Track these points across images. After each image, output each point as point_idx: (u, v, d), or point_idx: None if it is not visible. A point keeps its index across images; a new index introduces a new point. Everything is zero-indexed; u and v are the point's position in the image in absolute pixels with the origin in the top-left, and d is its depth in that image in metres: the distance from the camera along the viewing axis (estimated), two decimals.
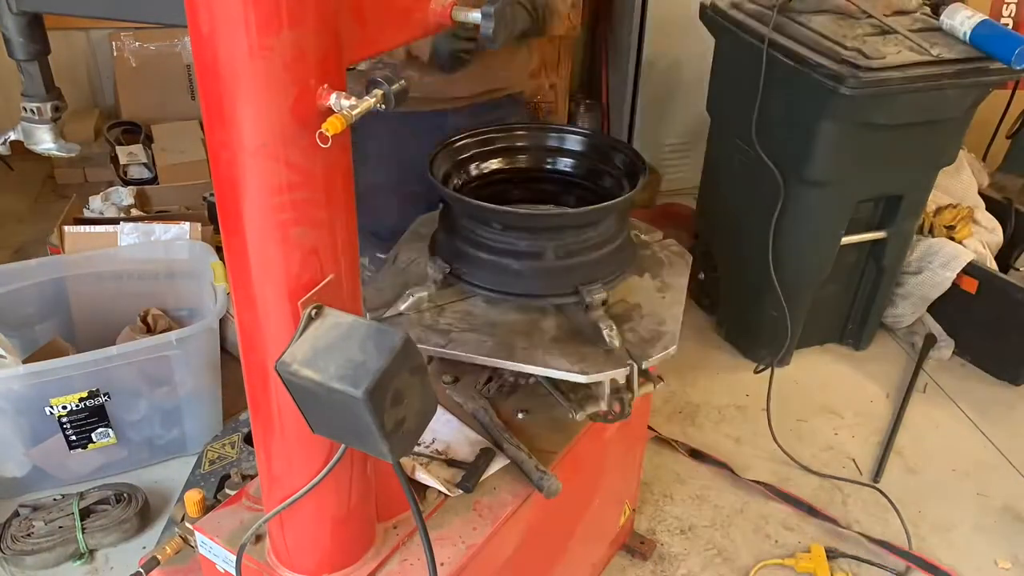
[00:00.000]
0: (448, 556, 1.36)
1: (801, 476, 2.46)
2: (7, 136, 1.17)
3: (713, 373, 2.87)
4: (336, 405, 0.96)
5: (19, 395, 2.13)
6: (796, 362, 2.93)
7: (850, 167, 2.50)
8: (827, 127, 2.39)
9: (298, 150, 0.95)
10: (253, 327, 1.08)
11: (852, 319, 2.98)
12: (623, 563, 2.18)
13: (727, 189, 2.90)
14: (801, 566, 2.16)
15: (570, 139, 1.77)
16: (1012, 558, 2.25)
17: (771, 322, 2.72)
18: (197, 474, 2.24)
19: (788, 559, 2.19)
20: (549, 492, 1.46)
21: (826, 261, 2.71)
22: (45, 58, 1.11)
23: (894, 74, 2.27)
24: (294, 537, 1.27)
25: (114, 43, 3.85)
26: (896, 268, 2.86)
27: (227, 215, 1.01)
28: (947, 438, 2.65)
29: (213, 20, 0.87)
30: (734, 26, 2.61)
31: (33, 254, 2.96)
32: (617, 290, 1.62)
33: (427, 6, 1.07)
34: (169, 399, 2.33)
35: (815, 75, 2.30)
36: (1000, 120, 3.42)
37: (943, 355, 2.94)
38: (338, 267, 1.06)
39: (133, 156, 3.59)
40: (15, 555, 2.06)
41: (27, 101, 1.13)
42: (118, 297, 2.58)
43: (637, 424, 2.00)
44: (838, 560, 2.18)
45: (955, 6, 2.43)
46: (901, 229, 2.74)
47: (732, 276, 2.95)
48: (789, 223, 2.58)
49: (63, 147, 1.17)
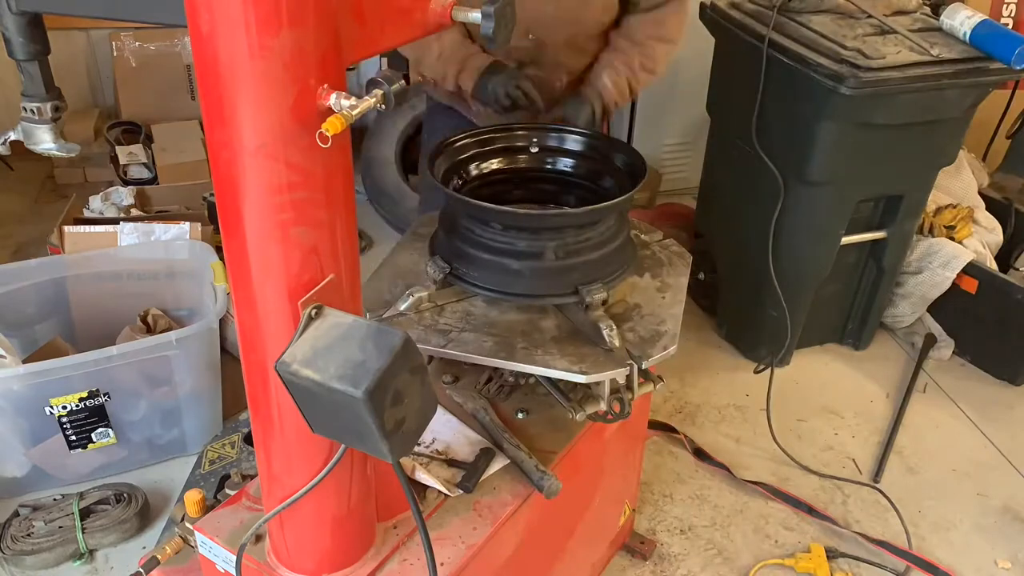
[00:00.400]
0: (448, 556, 1.36)
1: (801, 476, 2.46)
2: (7, 136, 1.17)
3: (713, 373, 2.87)
4: (336, 405, 0.96)
5: (19, 395, 2.13)
6: (796, 362, 2.93)
7: (850, 167, 2.50)
8: (827, 127, 2.39)
9: (298, 150, 0.95)
10: (253, 327, 1.08)
11: (852, 319, 2.98)
12: (623, 563, 2.18)
13: (727, 189, 2.90)
14: (801, 566, 2.16)
15: (570, 139, 1.78)
16: (1012, 558, 2.25)
17: (771, 322, 2.72)
18: (197, 474, 2.24)
19: (788, 559, 2.19)
20: (549, 492, 1.46)
21: (826, 261, 2.71)
22: (45, 58, 1.11)
23: (894, 74, 2.27)
24: (294, 537, 1.27)
25: (114, 43, 3.85)
26: (896, 268, 2.86)
27: (227, 215, 1.01)
28: (947, 438, 2.65)
29: (213, 20, 0.87)
30: (734, 26, 2.61)
31: (33, 254, 2.96)
32: (617, 290, 1.62)
33: (427, 6, 1.07)
34: (169, 399, 2.33)
35: (815, 75, 2.30)
36: (1000, 120, 3.42)
37: (943, 355, 2.94)
38: (338, 267, 1.06)
39: (133, 156, 3.59)
40: (15, 555, 2.06)
41: (27, 101, 1.13)
42: (118, 297, 2.58)
43: (637, 424, 2.00)
44: (838, 560, 2.18)
45: (955, 6, 2.43)
46: (901, 229, 2.74)
47: (732, 276, 2.95)
48: (789, 223, 2.58)
49: (63, 147, 1.17)
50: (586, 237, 1.55)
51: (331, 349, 0.97)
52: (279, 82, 0.90)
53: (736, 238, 2.86)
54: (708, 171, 3.06)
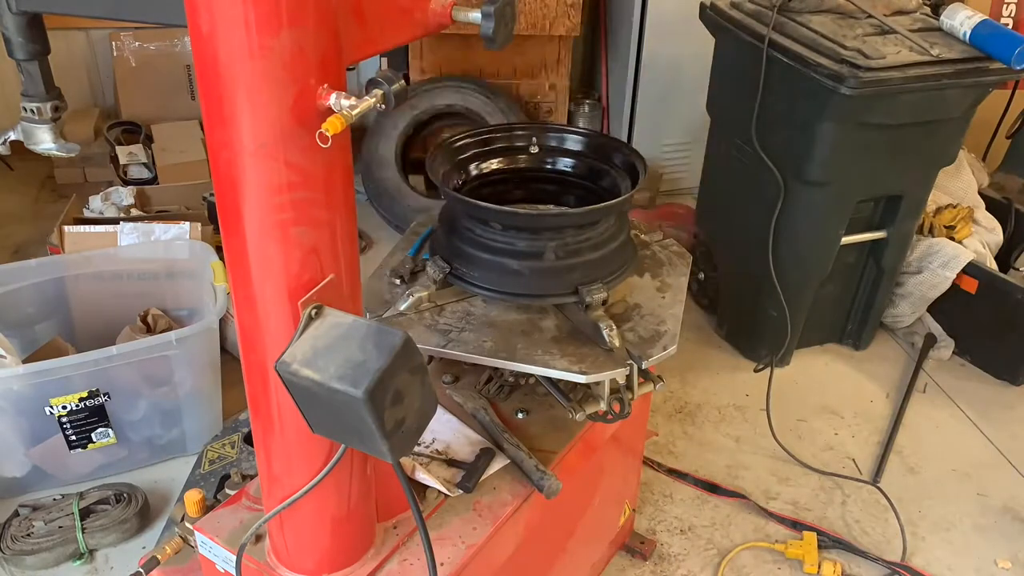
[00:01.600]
0: (448, 556, 1.36)
1: (801, 476, 2.46)
2: (7, 136, 1.17)
3: (713, 373, 2.87)
4: (336, 405, 0.96)
5: (19, 395, 2.13)
6: (796, 362, 2.93)
7: (850, 167, 2.50)
8: (827, 127, 2.39)
9: (298, 150, 0.95)
10: (253, 327, 1.08)
11: (852, 319, 2.98)
12: (623, 563, 2.18)
13: (727, 189, 2.90)
14: (791, 552, 2.17)
15: (570, 139, 1.77)
16: (1012, 558, 2.25)
17: (771, 322, 2.72)
18: (197, 474, 2.24)
19: (779, 544, 2.20)
20: (549, 492, 1.46)
21: (826, 260, 2.71)
22: (45, 58, 1.12)
23: (894, 74, 2.27)
24: (294, 537, 1.27)
25: (114, 43, 3.85)
26: (896, 268, 2.86)
27: (227, 215, 1.01)
28: (947, 438, 2.65)
29: (213, 20, 0.87)
30: (734, 26, 2.61)
31: (33, 254, 2.96)
32: (617, 290, 1.62)
33: (427, 6, 1.07)
34: (169, 399, 2.33)
35: (815, 75, 2.30)
36: (1000, 120, 3.42)
37: (943, 355, 2.94)
38: (338, 267, 1.06)
39: (133, 156, 3.59)
40: (15, 555, 2.06)
41: (27, 101, 1.14)
42: (118, 297, 2.58)
43: (637, 424, 2.00)
44: (829, 550, 2.18)
45: (955, 6, 2.43)
46: (901, 229, 2.73)
47: (732, 276, 2.95)
48: (789, 223, 2.58)
49: (63, 147, 1.17)
50: (586, 237, 1.55)
51: (331, 349, 0.97)
52: (279, 82, 0.90)
53: (736, 238, 2.86)
54: (708, 171, 3.06)
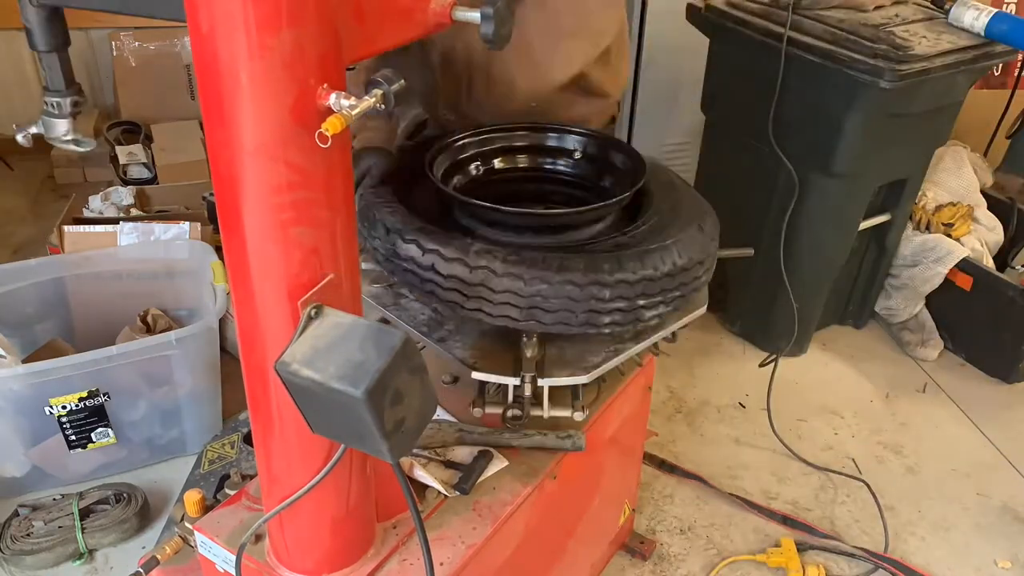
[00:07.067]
0: (448, 556, 1.36)
1: (801, 475, 2.47)
2: (28, 130, 1.20)
3: (713, 372, 2.87)
4: (336, 405, 0.96)
5: (19, 395, 2.13)
6: (796, 362, 2.93)
7: (872, 156, 2.56)
8: (856, 119, 2.43)
9: (298, 150, 0.95)
10: (253, 327, 1.08)
11: (853, 300, 3.05)
12: (623, 563, 2.18)
13: (731, 186, 2.88)
14: (773, 561, 2.16)
15: (570, 139, 1.77)
16: (1012, 558, 2.25)
17: (788, 314, 2.68)
18: (197, 474, 2.24)
19: (759, 555, 2.18)
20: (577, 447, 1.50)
21: (845, 250, 2.79)
22: (65, 52, 1.15)
23: (927, 64, 2.33)
24: (294, 537, 1.27)
25: (114, 43, 3.84)
26: (896, 246, 2.95)
27: (227, 215, 1.01)
28: (946, 438, 2.65)
29: (213, 19, 0.87)
30: (738, 25, 2.61)
31: (33, 254, 2.95)
32: None
33: (427, 6, 1.06)
34: (169, 399, 2.33)
35: (847, 70, 2.34)
36: (1000, 120, 3.42)
37: (929, 355, 2.95)
38: (338, 267, 1.06)
39: (133, 156, 3.59)
40: (15, 555, 2.06)
41: (48, 96, 1.17)
42: (118, 297, 2.58)
43: (637, 424, 2.00)
44: (808, 552, 2.18)
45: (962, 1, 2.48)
46: (903, 211, 2.86)
47: (743, 272, 2.93)
48: (807, 217, 2.63)
49: (81, 142, 1.21)
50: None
51: (331, 349, 0.97)
52: (279, 82, 0.90)
53: (744, 234, 2.83)
54: (705, 170, 3.05)
